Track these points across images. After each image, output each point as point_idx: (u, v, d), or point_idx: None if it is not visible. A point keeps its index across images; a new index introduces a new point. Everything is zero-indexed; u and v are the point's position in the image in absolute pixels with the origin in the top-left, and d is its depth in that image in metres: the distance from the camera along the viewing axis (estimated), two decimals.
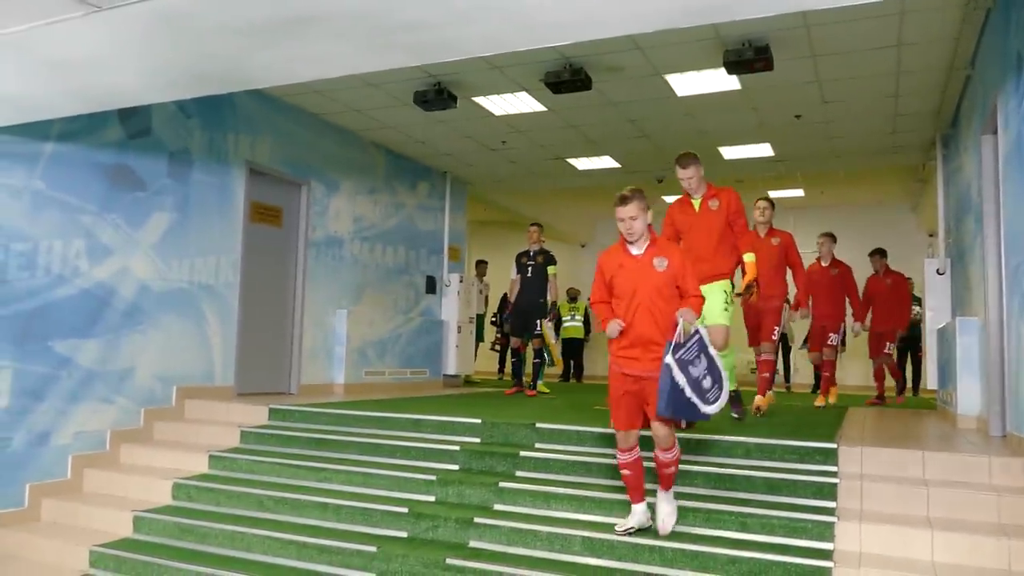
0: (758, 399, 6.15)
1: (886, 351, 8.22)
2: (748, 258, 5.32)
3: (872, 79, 6.76)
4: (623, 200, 3.89)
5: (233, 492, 5.14)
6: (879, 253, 8.34)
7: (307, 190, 8.09)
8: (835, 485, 4.23)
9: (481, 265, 11.74)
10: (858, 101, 7.38)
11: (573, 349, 13.19)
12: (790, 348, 11.65)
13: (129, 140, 6.13)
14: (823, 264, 7.67)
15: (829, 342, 7.62)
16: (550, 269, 8.37)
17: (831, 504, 4.13)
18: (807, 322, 7.90)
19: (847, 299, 7.76)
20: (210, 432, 6.13)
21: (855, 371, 12.37)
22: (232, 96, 7.01)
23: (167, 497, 5.26)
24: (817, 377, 10.61)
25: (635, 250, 3.96)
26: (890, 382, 8.63)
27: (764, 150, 9.23)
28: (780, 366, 9.88)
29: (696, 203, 5.31)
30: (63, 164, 5.61)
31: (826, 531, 3.88)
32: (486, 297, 11.61)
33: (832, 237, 7.79)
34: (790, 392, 10.89)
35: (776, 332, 6.26)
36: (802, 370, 12.71)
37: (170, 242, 6.48)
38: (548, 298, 8.45)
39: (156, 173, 6.36)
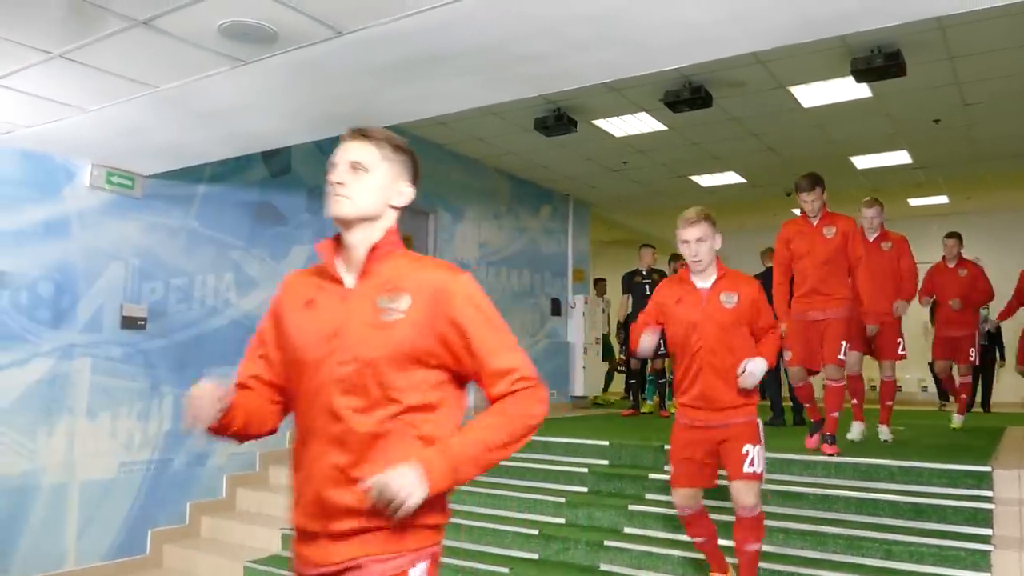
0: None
1: None
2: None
3: (1019, 77, 6.33)
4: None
5: None
6: None
7: (434, 218, 8.37)
8: (990, 511, 3.96)
9: (600, 283, 11.73)
10: (1004, 101, 6.91)
11: None
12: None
13: (272, 179, 6.57)
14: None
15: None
16: None
17: (986, 531, 3.88)
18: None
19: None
20: None
21: (1007, 385, 11.39)
22: None
23: None
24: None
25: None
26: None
27: (901, 157, 8.78)
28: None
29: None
30: (214, 204, 6.09)
31: (982, 560, 3.65)
32: (608, 316, 11.60)
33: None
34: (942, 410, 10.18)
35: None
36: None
37: None
38: None
39: (296, 208, 6.78)
